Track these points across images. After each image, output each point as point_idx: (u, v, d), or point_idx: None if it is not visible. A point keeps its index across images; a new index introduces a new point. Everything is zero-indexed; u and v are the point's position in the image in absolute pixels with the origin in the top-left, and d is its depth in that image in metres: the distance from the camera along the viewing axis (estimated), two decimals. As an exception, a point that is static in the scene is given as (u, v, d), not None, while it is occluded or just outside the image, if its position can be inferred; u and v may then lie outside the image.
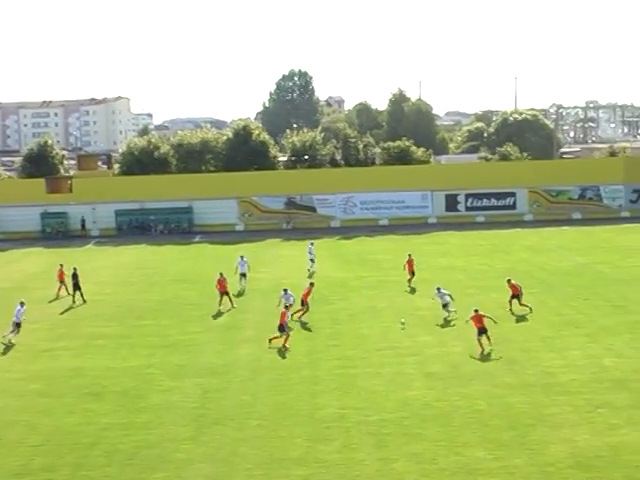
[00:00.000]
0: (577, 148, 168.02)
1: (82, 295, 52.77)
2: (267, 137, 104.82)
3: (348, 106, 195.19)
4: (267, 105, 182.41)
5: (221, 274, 50.04)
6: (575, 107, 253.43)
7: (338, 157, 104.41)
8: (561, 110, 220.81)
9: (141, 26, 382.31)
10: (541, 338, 40.82)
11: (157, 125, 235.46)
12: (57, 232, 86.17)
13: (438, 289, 45.25)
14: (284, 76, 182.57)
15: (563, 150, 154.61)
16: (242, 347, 41.47)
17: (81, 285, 53.03)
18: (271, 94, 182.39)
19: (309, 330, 44.60)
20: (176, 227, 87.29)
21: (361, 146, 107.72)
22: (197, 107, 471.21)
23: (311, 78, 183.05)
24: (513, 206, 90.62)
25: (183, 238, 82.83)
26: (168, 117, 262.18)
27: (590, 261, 62.50)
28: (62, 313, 50.90)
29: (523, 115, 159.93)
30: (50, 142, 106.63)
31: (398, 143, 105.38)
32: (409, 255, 56.58)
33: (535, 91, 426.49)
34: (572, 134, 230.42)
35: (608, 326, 43.15)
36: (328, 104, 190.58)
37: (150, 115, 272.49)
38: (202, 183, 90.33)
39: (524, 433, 29.51)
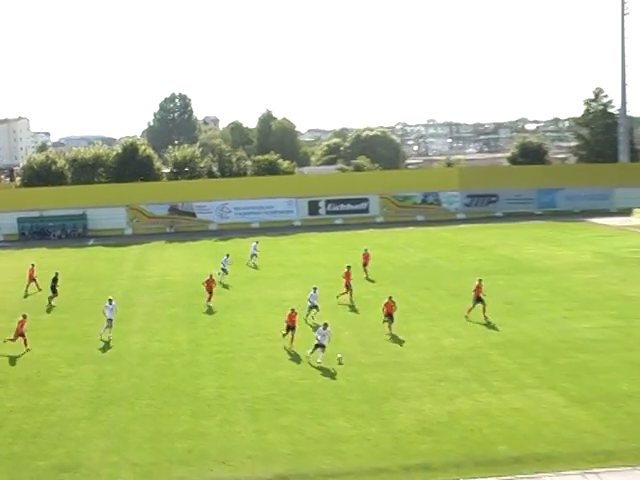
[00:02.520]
0: (420, 160, 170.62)
1: None
2: (152, 152, 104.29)
3: (223, 124, 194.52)
4: (152, 124, 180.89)
5: (211, 275, 48.88)
6: (417, 125, 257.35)
7: (214, 169, 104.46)
8: (406, 127, 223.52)
9: (38, 51, 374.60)
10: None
11: (54, 142, 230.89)
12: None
13: (314, 289, 43.83)
14: (166, 98, 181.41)
15: (408, 161, 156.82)
16: (131, 337, 41.06)
17: None
18: (155, 114, 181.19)
19: (191, 321, 44.43)
20: (72, 232, 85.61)
21: (234, 159, 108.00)
22: (90, 125, 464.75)
23: (190, 100, 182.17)
24: (366, 210, 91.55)
25: (78, 242, 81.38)
26: (64, 135, 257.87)
27: (431, 256, 63.65)
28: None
29: (374, 132, 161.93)
30: None
31: (266, 156, 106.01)
32: (365, 249, 57.76)
33: (384, 110, 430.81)
34: (415, 148, 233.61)
35: (447, 312, 44.03)
36: (205, 123, 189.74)
37: (48, 133, 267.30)
38: (95, 193, 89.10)
39: (378, 405, 29.95)
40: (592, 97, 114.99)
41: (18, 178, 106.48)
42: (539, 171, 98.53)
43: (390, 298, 39.70)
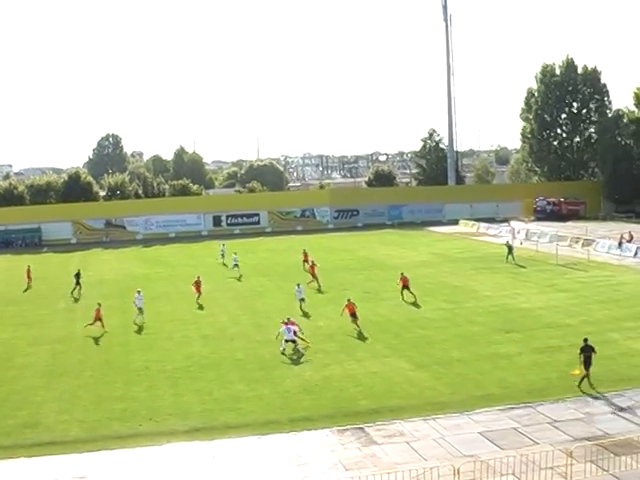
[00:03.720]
0: (298, 184, 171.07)
1: None
2: (91, 179, 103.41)
3: (146, 157, 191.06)
4: (91, 157, 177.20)
5: (198, 276, 46.51)
6: (296, 156, 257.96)
7: (140, 192, 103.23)
8: (287, 159, 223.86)
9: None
10: (278, 310, 41.00)
11: (16, 172, 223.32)
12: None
13: (298, 285, 42.39)
14: (102, 138, 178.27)
15: (289, 185, 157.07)
16: (76, 323, 40.09)
17: None
18: (93, 149, 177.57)
19: (123, 310, 43.63)
20: (30, 242, 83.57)
21: (155, 184, 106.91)
22: (43, 158, 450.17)
23: (120, 138, 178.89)
24: (258, 222, 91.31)
25: (35, 249, 79.24)
26: (23, 166, 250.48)
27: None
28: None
29: (263, 162, 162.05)
30: None
31: (180, 181, 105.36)
32: (304, 250, 57.72)
33: (270, 144, 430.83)
34: (295, 174, 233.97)
35: (321, 300, 44.32)
36: (132, 156, 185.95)
37: (10, 165, 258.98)
38: (47, 211, 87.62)
39: (269, 372, 29.91)
40: (427, 136, 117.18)
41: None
42: (389, 192, 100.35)
43: (349, 300, 37.05)
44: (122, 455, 22.23)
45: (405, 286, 43.97)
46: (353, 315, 36.30)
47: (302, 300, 41.74)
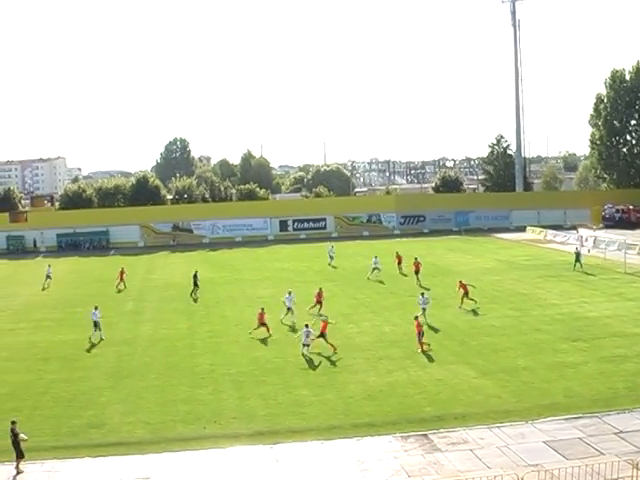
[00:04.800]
0: (365, 189, 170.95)
1: None
2: (159, 183, 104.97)
3: (214, 161, 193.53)
4: (159, 161, 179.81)
5: (320, 289, 44.50)
6: (363, 162, 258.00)
7: (207, 196, 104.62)
8: (354, 164, 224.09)
9: (74, 101, 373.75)
10: (343, 315, 41.33)
11: (85, 175, 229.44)
12: (17, 249, 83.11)
13: (422, 294, 40.75)
14: (170, 142, 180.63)
15: (356, 190, 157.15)
16: (143, 325, 40.93)
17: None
18: (161, 153, 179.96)
19: (189, 313, 44.29)
20: (98, 244, 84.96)
21: (222, 188, 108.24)
22: (112, 162, 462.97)
23: (188, 142, 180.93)
24: (324, 227, 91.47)
25: (102, 252, 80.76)
26: (92, 169, 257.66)
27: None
28: (20, 304, 49.19)
29: (330, 167, 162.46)
30: (12, 188, 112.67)
31: (247, 186, 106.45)
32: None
33: (337, 149, 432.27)
34: (361, 180, 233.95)
35: (386, 306, 44.19)
36: (200, 160, 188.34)
37: (80, 169, 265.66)
38: (115, 214, 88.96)
39: (333, 377, 30.06)
40: (495, 142, 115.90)
41: (57, 203, 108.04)
42: (456, 198, 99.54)
43: (416, 317, 35.22)
44: (186, 457, 22.56)
45: (465, 292, 43.32)
46: (419, 335, 33.98)
47: (424, 310, 39.21)
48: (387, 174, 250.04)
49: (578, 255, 56.80)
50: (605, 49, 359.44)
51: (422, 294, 40.67)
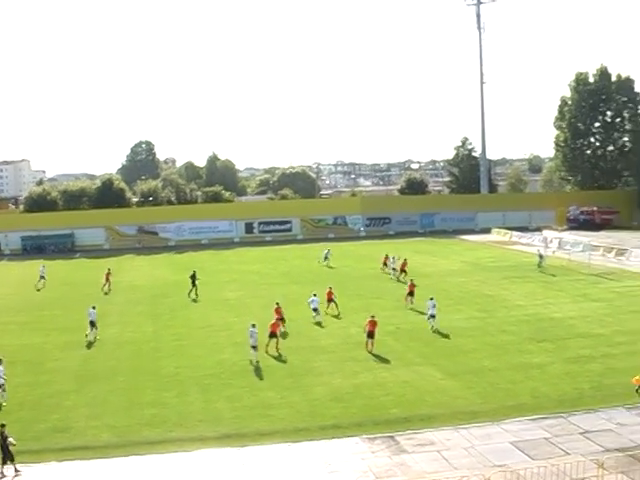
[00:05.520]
0: (330, 191, 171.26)
1: None
2: (124, 185, 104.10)
3: (179, 163, 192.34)
4: (124, 163, 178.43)
5: (330, 288, 45.01)
6: (328, 164, 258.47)
7: (172, 198, 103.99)
8: (320, 166, 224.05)
9: (35, 103, 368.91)
10: (307, 318, 41.07)
11: (49, 177, 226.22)
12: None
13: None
14: (135, 144, 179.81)
15: (321, 192, 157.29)
16: (109, 328, 40.40)
17: None
18: (127, 156, 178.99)
19: (154, 316, 43.95)
20: (63, 247, 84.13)
21: (188, 190, 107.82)
22: (77, 164, 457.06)
23: (153, 145, 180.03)
24: (290, 229, 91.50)
25: (68, 255, 79.81)
26: (57, 172, 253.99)
27: (340, 265, 63.81)
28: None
29: (295, 169, 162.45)
30: None
31: (212, 188, 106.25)
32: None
33: (303, 153, 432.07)
34: (327, 182, 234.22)
35: (353, 308, 44.14)
36: (165, 162, 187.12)
37: (44, 171, 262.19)
38: (80, 217, 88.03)
39: (299, 379, 30.00)
40: (460, 144, 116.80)
41: (21, 206, 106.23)
42: (421, 200, 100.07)
43: (372, 317, 34.49)
44: (152, 461, 22.37)
45: (411, 292, 44.34)
46: (370, 334, 33.96)
47: (432, 316, 38.10)
48: (352, 176, 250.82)
49: (541, 256, 58.40)
50: (570, 52, 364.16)
51: (431, 298, 38.75)
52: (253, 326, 33.05)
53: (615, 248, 64.94)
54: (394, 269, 56.42)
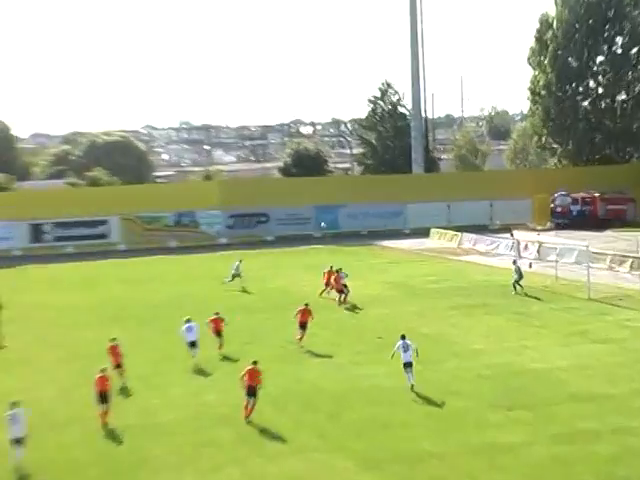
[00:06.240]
0: (171, 172, 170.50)
1: None
2: None
3: None
4: None
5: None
6: (168, 128, 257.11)
7: None
8: (153, 131, 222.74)
9: None
10: (139, 377, 40.65)
11: None
12: None
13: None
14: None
15: (157, 174, 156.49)
16: None
17: None
18: None
19: None
20: None
21: None
22: None
23: None
24: (105, 235, 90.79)
25: None
26: None
27: (189, 291, 63.41)
28: None
29: (113, 137, 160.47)
30: None
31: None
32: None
33: (125, 111, 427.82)
34: (165, 157, 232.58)
35: (209, 359, 43.85)
36: None
37: None
38: None
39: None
40: (379, 94, 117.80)
41: None
42: (317, 184, 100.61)
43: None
44: None
45: (303, 323, 46.07)
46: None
47: (409, 367, 38.54)
48: (206, 147, 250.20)
49: (519, 271, 58.66)
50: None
51: (402, 337, 39.10)
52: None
53: (630, 258, 66.42)
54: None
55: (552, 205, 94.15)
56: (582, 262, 61.31)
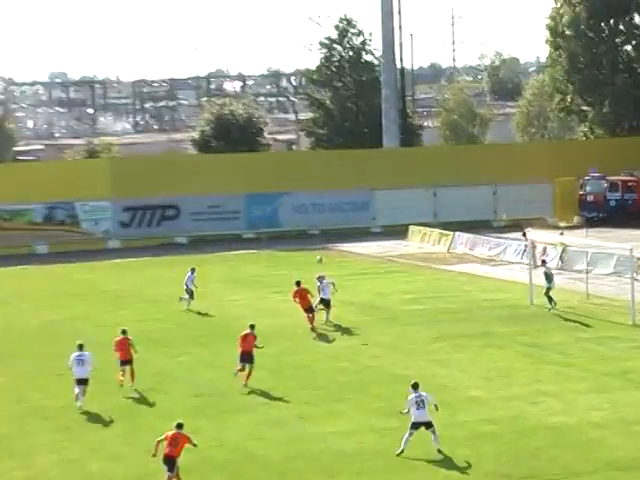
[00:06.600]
0: (40, 145, 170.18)
1: None
2: None
3: None
4: None
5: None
6: (33, 83, 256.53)
7: None
8: (12, 87, 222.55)
9: None
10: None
11: None
12: None
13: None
14: None
15: (19, 149, 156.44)
16: None
17: None
18: None
19: None
20: None
21: None
22: None
23: None
24: None
25: None
26: None
27: (64, 317, 63.32)
28: None
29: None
30: None
31: None
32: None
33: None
34: (31, 124, 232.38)
35: (90, 415, 43.67)
36: None
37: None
38: None
39: None
40: (336, 34, 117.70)
41: None
42: (247, 161, 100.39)
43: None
44: None
45: (246, 353, 46.91)
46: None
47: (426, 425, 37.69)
48: (88, 111, 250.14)
49: (549, 277, 59.01)
50: None
51: (414, 387, 37.57)
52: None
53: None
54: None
55: (581, 192, 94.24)
56: (624, 273, 61.48)
